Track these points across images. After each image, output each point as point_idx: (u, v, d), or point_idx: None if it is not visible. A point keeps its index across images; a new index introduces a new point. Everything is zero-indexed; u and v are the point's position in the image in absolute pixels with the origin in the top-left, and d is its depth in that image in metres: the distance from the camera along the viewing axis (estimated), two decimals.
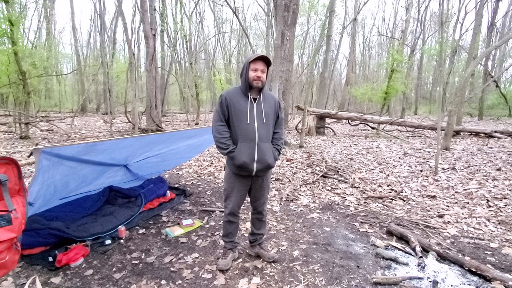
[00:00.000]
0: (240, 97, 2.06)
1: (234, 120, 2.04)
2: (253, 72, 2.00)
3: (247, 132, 2.01)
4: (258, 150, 2.01)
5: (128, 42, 10.17)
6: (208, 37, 24.77)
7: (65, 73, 23.91)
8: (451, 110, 6.96)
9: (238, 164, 2.01)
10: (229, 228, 2.27)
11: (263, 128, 2.05)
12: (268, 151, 2.06)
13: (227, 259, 2.25)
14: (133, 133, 9.10)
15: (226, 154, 2.06)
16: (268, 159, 2.05)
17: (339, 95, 26.90)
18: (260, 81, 2.01)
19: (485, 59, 15.20)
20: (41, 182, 2.15)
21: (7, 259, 1.48)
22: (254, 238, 2.40)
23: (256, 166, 2.03)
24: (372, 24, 51.07)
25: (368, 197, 3.98)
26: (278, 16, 5.15)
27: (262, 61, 2.01)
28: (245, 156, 1.99)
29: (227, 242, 2.32)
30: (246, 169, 2.03)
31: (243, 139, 2.02)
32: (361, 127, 12.62)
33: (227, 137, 2.06)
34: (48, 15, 18.77)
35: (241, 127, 2.02)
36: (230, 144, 2.05)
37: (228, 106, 2.04)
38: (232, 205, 2.18)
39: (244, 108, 2.03)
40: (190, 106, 19.60)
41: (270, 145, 2.10)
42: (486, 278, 2.07)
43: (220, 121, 2.07)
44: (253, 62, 2.01)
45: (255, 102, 2.06)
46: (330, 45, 14.64)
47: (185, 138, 3.50)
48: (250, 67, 2.01)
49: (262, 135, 2.04)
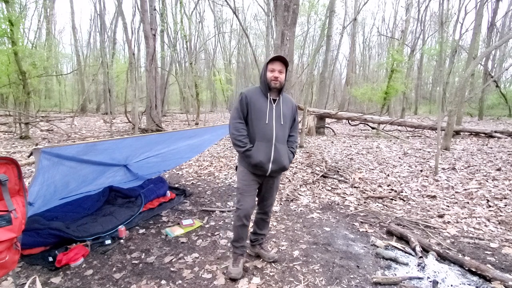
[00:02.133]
0: (260, 96, 2.05)
1: (253, 118, 2.03)
2: (270, 73, 2.01)
3: (265, 132, 2.00)
4: (274, 151, 2.01)
5: (128, 42, 10.18)
6: (208, 37, 24.80)
7: (65, 73, 23.93)
8: (451, 110, 6.96)
9: (254, 163, 2.00)
10: (241, 233, 2.14)
11: (281, 129, 2.05)
12: (284, 152, 2.06)
13: (239, 266, 2.12)
14: (133, 133, 9.10)
15: (242, 152, 2.02)
16: (283, 160, 2.04)
17: (339, 95, 26.89)
18: (277, 81, 2.00)
19: (485, 59, 15.20)
20: (41, 182, 2.14)
21: (7, 259, 1.48)
22: (255, 238, 2.37)
23: (272, 166, 2.01)
24: (372, 24, 51.14)
25: (368, 197, 3.98)
26: (278, 16, 5.15)
27: (279, 61, 2.01)
28: (262, 156, 1.98)
29: (237, 247, 2.18)
30: (262, 168, 2.02)
31: (260, 138, 2.01)
32: (361, 127, 12.62)
33: (245, 135, 2.04)
34: (48, 15, 18.77)
35: (259, 126, 2.01)
36: (247, 143, 2.02)
37: (248, 104, 2.03)
38: (245, 206, 2.07)
39: (263, 108, 2.02)
40: (190, 106, 19.59)
41: (286, 146, 2.10)
42: (486, 278, 2.07)
43: (238, 118, 2.05)
44: (270, 63, 2.02)
45: (274, 103, 2.06)
46: (330, 45, 14.63)
47: (185, 138, 3.50)
48: (268, 68, 2.02)
49: (279, 136, 2.03)
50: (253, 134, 2.04)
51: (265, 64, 2.04)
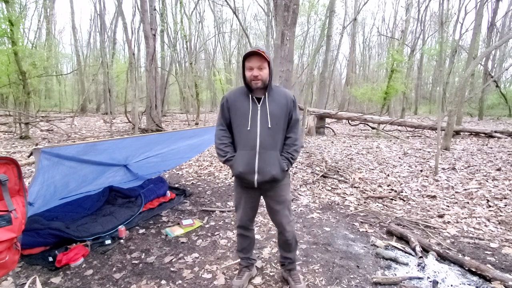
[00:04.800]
0: (243, 98, 1.80)
1: (235, 125, 1.81)
2: (249, 72, 1.72)
3: (247, 139, 1.75)
4: (259, 160, 1.73)
5: (128, 42, 10.18)
6: (208, 37, 24.78)
7: (65, 73, 23.93)
8: (451, 110, 6.96)
9: (235, 174, 1.81)
10: (243, 243, 2.03)
11: (268, 134, 1.75)
12: (273, 160, 1.75)
13: (243, 278, 2.00)
14: (133, 133, 9.10)
15: (223, 162, 1.84)
16: (271, 170, 1.74)
17: (339, 95, 26.91)
18: (258, 80, 1.71)
19: (485, 59, 15.19)
20: (41, 182, 2.15)
21: (7, 259, 1.48)
22: (282, 261, 2.07)
23: (257, 178, 1.74)
24: (372, 24, 51.16)
25: (368, 197, 3.98)
26: (278, 16, 5.15)
27: (256, 56, 1.70)
28: (242, 166, 1.75)
29: (242, 258, 2.07)
30: (245, 180, 1.78)
31: (242, 146, 1.77)
32: (361, 127, 12.62)
33: (226, 143, 1.84)
34: (48, 15, 18.77)
35: (241, 133, 1.78)
36: (228, 152, 1.82)
37: (230, 109, 1.82)
38: (240, 217, 1.94)
39: (246, 111, 1.76)
40: (190, 106, 19.58)
41: (276, 153, 1.77)
42: (486, 278, 2.07)
43: (220, 125, 1.87)
44: (247, 60, 1.73)
45: (259, 103, 1.77)
46: (330, 45, 14.62)
47: (185, 138, 3.50)
48: (246, 66, 1.74)
49: (265, 142, 1.74)
50: (236, 141, 1.83)
51: (242, 62, 1.76)
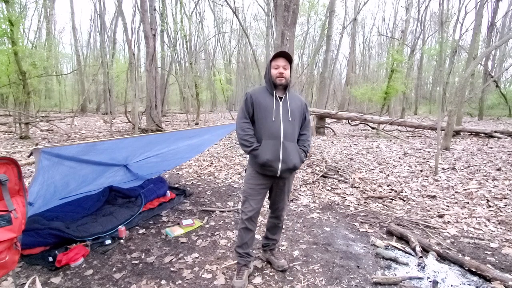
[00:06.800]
0: (265, 95, 2.01)
1: (259, 117, 1.97)
2: (275, 70, 1.97)
3: (272, 130, 1.93)
4: (283, 149, 1.92)
5: (128, 42, 10.18)
6: (208, 37, 24.80)
7: (65, 73, 23.89)
8: (451, 110, 6.96)
9: (261, 162, 1.93)
10: (245, 237, 2.07)
11: (289, 126, 1.96)
12: (294, 151, 1.96)
13: (243, 278, 2.02)
14: (133, 133, 9.10)
15: (249, 152, 1.97)
16: (293, 159, 1.95)
17: (339, 95, 26.90)
18: (283, 77, 1.96)
19: (485, 59, 15.18)
20: (41, 182, 2.14)
21: (7, 259, 1.48)
22: (267, 243, 2.30)
23: (281, 166, 1.92)
24: (372, 24, 51.10)
25: (368, 197, 3.98)
26: (278, 16, 5.15)
27: (283, 57, 1.98)
28: (269, 154, 1.90)
29: (241, 255, 2.09)
30: (271, 168, 1.93)
31: (267, 136, 1.93)
32: (361, 127, 12.61)
33: (251, 134, 1.98)
34: (48, 15, 18.77)
35: (266, 124, 1.95)
36: (254, 142, 1.96)
37: (253, 103, 1.99)
38: (251, 209, 2.02)
39: (269, 105, 1.96)
40: (190, 106, 19.59)
41: (295, 145, 2.00)
42: (486, 278, 2.08)
43: (244, 118, 2.01)
44: (273, 60, 1.99)
45: (281, 101, 2.00)
46: (330, 45, 14.61)
47: (185, 138, 3.50)
48: (272, 65, 1.98)
49: (287, 133, 1.94)
50: (260, 132, 1.98)
51: (269, 62, 2.01)
